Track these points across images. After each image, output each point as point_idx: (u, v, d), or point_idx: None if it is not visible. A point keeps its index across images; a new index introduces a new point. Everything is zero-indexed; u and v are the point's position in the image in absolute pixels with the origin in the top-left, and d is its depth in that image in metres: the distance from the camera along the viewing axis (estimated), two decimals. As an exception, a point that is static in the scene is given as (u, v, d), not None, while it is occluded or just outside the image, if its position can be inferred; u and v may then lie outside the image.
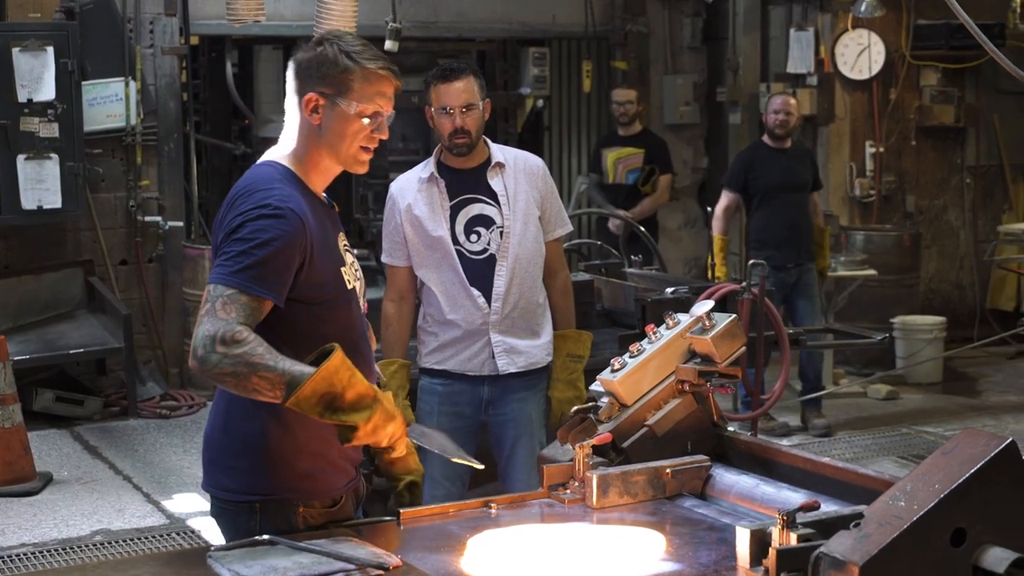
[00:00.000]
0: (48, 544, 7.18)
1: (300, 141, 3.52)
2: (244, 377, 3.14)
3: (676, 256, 12.37)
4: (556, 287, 5.52)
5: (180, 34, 10.55)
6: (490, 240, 5.31)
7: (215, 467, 3.55)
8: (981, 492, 2.70)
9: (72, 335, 9.96)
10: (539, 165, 5.48)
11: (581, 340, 5.56)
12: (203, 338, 3.17)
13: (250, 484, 3.46)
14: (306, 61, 3.50)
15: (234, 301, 3.22)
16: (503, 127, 12.16)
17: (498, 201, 5.33)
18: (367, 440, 3.24)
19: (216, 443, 3.55)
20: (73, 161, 9.75)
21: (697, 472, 3.55)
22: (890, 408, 10.05)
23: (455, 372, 5.38)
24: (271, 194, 3.36)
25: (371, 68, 3.46)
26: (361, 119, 3.46)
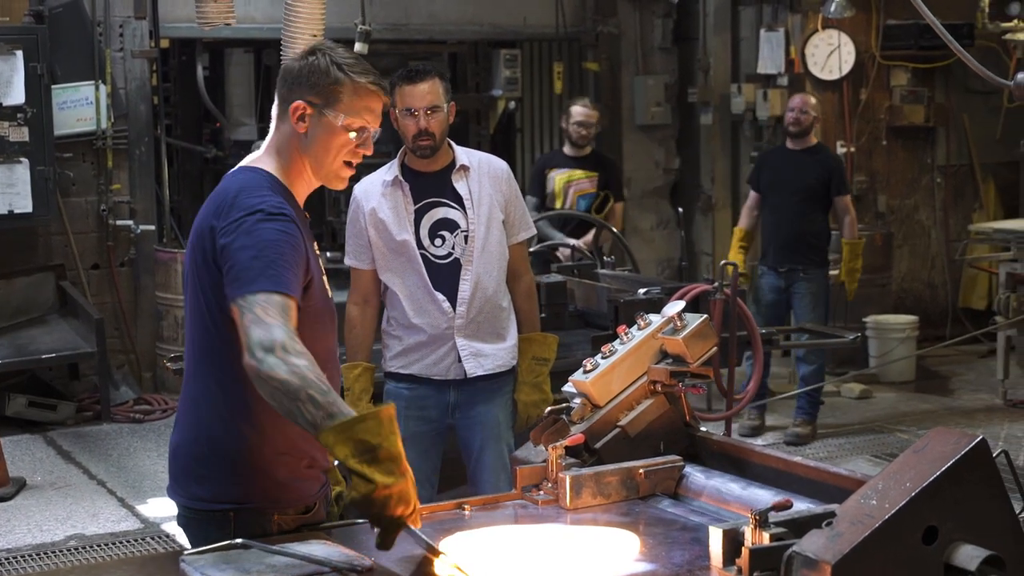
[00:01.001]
0: (22, 550, 7.16)
1: (284, 149, 3.49)
2: (295, 389, 3.05)
3: (649, 257, 12.39)
4: (520, 290, 5.52)
5: (150, 37, 10.53)
6: (455, 244, 5.31)
7: (187, 476, 3.50)
8: (952, 490, 2.71)
9: (44, 340, 9.92)
10: (503, 168, 5.47)
11: (547, 343, 5.56)
12: (260, 340, 3.09)
13: (223, 493, 3.43)
14: (296, 69, 3.48)
15: (271, 304, 3.16)
16: (475, 129, 12.17)
17: (463, 205, 5.32)
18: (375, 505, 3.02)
19: (187, 452, 3.50)
20: (44, 165, 9.72)
21: (670, 472, 3.55)
22: (863, 407, 10.08)
23: (421, 376, 5.37)
24: (264, 199, 3.33)
25: (361, 82, 3.45)
26: (347, 132, 3.44)
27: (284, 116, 3.49)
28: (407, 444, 5.39)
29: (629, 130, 12.57)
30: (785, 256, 9.21)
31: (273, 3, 10.26)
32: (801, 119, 9.23)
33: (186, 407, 3.54)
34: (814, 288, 9.18)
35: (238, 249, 3.25)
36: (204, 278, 3.39)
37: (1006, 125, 12.28)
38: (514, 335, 5.46)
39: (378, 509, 3.02)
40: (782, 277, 9.22)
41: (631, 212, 12.54)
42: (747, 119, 11.96)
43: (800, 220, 9.17)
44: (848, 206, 9.31)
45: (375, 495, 3.00)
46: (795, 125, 9.25)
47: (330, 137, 3.44)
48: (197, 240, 3.42)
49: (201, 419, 3.47)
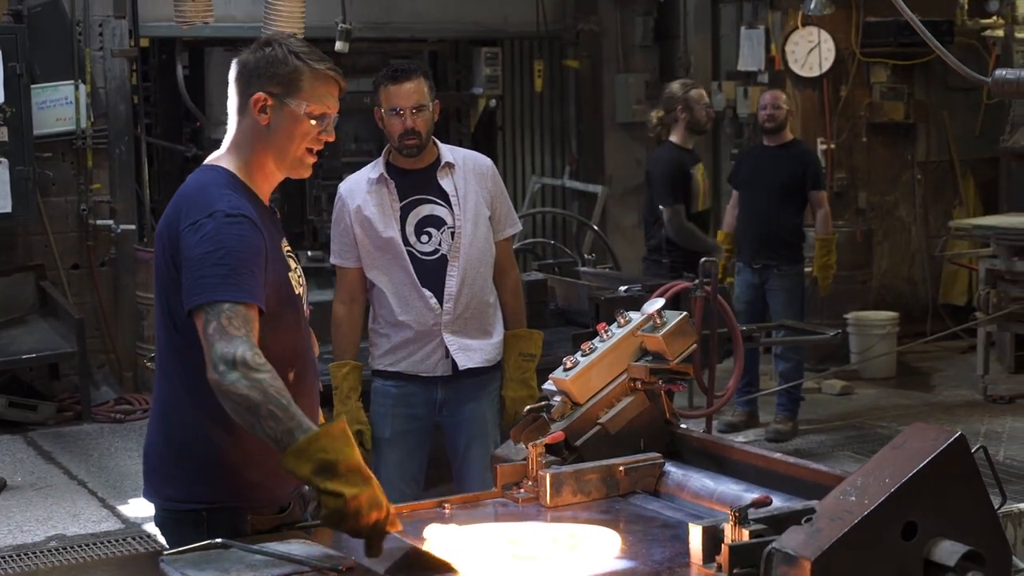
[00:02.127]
0: (2, 550, 7.14)
1: (245, 144, 3.48)
2: (256, 405, 3.07)
3: (631, 254, 12.37)
4: (507, 286, 5.52)
5: (130, 36, 10.52)
6: (441, 241, 5.30)
7: (157, 476, 3.50)
8: (931, 486, 2.72)
9: (24, 340, 9.90)
10: (488, 165, 5.48)
11: (533, 339, 5.56)
12: (221, 355, 3.10)
13: (195, 493, 3.43)
14: (253, 61, 3.46)
15: (236, 314, 3.16)
16: (456, 127, 12.17)
17: (449, 202, 5.32)
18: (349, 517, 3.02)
19: (158, 452, 3.50)
20: (23, 165, 9.70)
21: (650, 469, 3.55)
22: (844, 403, 10.10)
23: (408, 374, 5.37)
24: (222, 201, 3.32)
25: (319, 69, 3.45)
26: (310, 119, 3.43)
27: (244, 110, 3.47)
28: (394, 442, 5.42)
29: (610, 128, 12.58)
30: (759, 252, 9.19)
31: (253, 2, 10.23)
32: (775, 115, 9.22)
33: (156, 408, 3.53)
34: (788, 284, 9.15)
35: (199, 256, 3.24)
36: (167, 281, 3.37)
37: (985, 121, 12.31)
38: (500, 331, 5.46)
39: (353, 521, 3.03)
40: (757, 274, 9.21)
41: (612, 209, 12.57)
42: (727, 116, 11.98)
43: (775, 216, 9.14)
44: (822, 201, 9.28)
45: (346, 507, 3.01)
46: (770, 121, 9.24)
47: (293, 125, 3.42)
48: (160, 243, 3.41)
49: (171, 420, 3.47)
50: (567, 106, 12.79)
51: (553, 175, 12.90)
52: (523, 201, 12.75)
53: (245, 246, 3.26)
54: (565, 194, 12.85)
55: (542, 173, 12.91)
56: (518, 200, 12.84)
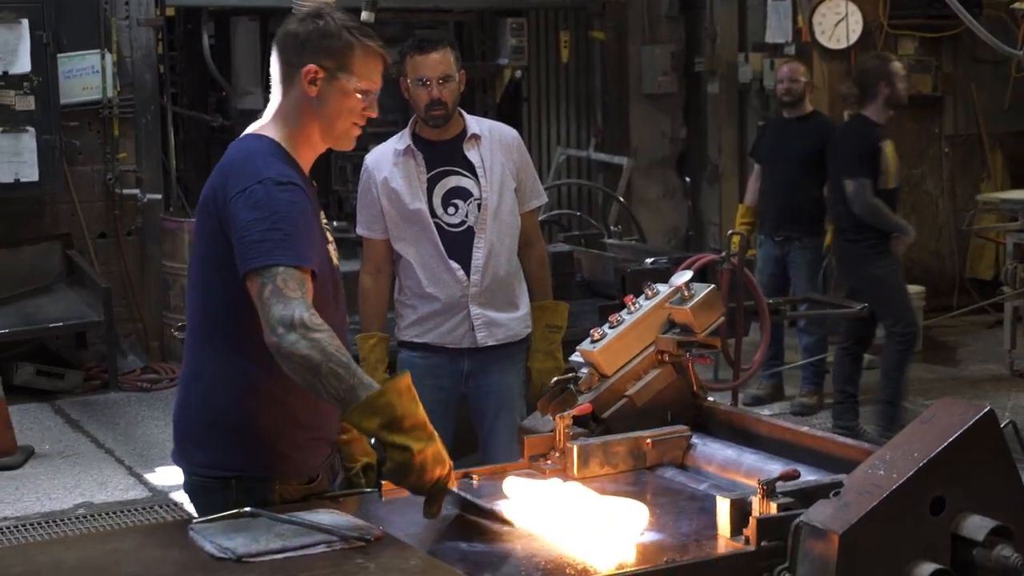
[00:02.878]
0: (30, 518, 7.18)
1: (292, 114, 3.48)
2: (316, 364, 3.10)
3: (656, 227, 12.38)
4: (533, 258, 5.50)
5: (156, 5, 10.53)
6: (468, 212, 5.28)
7: (188, 442, 3.52)
8: (960, 461, 2.72)
9: (51, 309, 9.94)
10: (514, 136, 5.46)
11: (559, 310, 5.55)
12: (280, 318, 3.13)
13: (226, 460, 3.44)
14: (304, 32, 3.46)
15: (291, 277, 3.18)
16: (481, 98, 12.15)
17: (475, 173, 5.30)
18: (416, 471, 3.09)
19: (189, 419, 3.52)
20: (50, 134, 9.73)
21: (677, 442, 3.56)
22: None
23: (435, 345, 5.36)
24: (271, 168, 3.34)
25: (370, 45, 3.47)
26: (358, 94, 3.45)
27: (292, 80, 3.47)
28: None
29: (636, 99, 12.54)
30: (780, 225, 9.17)
31: (279, -28, 10.23)
32: (792, 88, 9.19)
33: (189, 374, 3.54)
34: (810, 256, 9.15)
35: (251, 220, 3.25)
36: (210, 248, 3.39)
37: (1014, 95, 12.23)
38: (526, 303, 5.45)
39: (417, 475, 3.09)
40: (778, 246, 9.19)
41: (637, 181, 12.54)
42: (754, 88, 11.92)
43: (795, 188, 9.11)
44: None
45: (413, 461, 3.07)
46: (787, 95, 9.22)
47: (343, 99, 3.44)
48: (204, 210, 3.42)
49: (204, 387, 3.48)
50: (592, 77, 12.76)
51: (578, 147, 12.87)
52: (548, 172, 12.73)
53: (297, 212, 3.29)
54: (590, 166, 12.83)
55: (567, 144, 12.89)
56: (543, 171, 12.82)
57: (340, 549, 2.95)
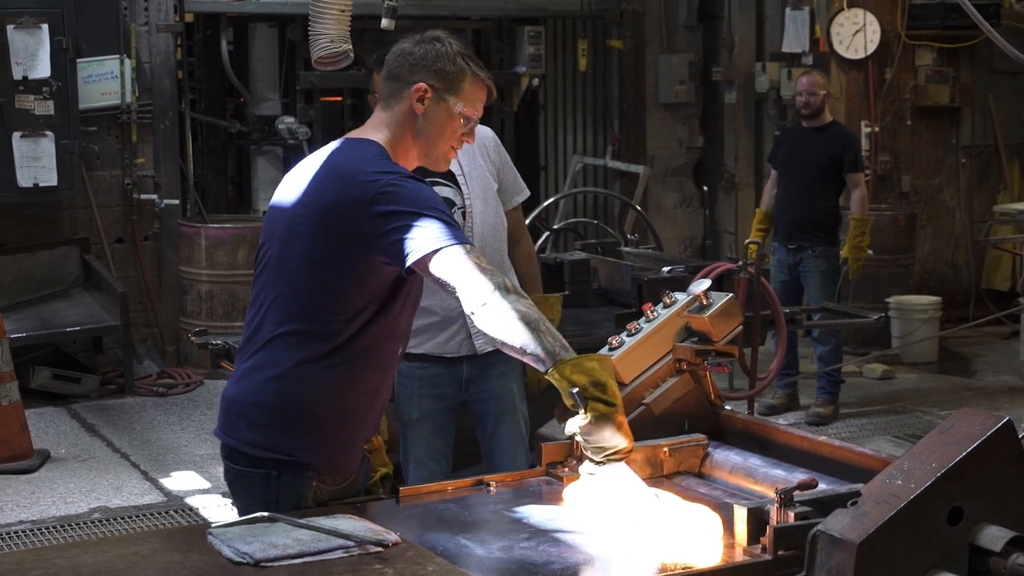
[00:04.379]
0: (46, 521, 7.20)
1: (395, 128, 3.59)
2: (535, 320, 3.26)
3: (672, 235, 12.38)
4: (520, 255, 5.42)
5: (175, 11, 10.56)
6: None
7: (243, 420, 3.55)
8: (978, 471, 2.72)
9: (68, 313, 9.97)
10: (490, 136, 5.34)
11: (550, 304, 5.49)
12: (495, 285, 3.28)
13: (276, 443, 3.48)
14: (421, 52, 3.59)
15: (473, 253, 3.33)
16: (498, 106, 12.16)
17: (455, 181, 5.18)
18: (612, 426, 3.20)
19: (249, 399, 3.55)
20: (68, 139, 9.76)
21: (694, 450, 3.56)
22: (886, 387, 10.07)
23: (433, 355, 5.29)
24: (391, 166, 3.47)
25: (480, 75, 3.62)
26: (461, 119, 3.59)
27: (399, 95, 3.59)
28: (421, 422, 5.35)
29: (653, 108, 12.55)
30: (795, 233, 9.18)
31: (298, -22, 10.26)
32: (811, 101, 9.20)
33: (257, 359, 3.56)
34: (823, 266, 9.14)
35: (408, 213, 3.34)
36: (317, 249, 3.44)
37: (1031, 106, 12.24)
38: None
39: (613, 432, 3.19)
40: (792, 254, 9.21)
41: (654, 190, 12.55)
42: (771, 98, 11.93)
43: (810, 198, 9.13)
44: (859, 183, 9.25)
45: (615, 418, 3.19)
46: (806, 108, 9.23)
47: (447, 121, 3.58)
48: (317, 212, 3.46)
49: (273, 371, 3.50)
50: (610, 86, 12.77)
51: (595, 155, 12.88)
52: (565, 180, 12.74)
53: (438, 199, 3.44)
54: (607, 174, 12.83)
55: (584, 153, 12.90)
56: (559, 179, 12.85)
57: (358, 555, 2.96)
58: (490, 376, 5.34)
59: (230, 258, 10.29)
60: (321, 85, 11.13)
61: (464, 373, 5.31)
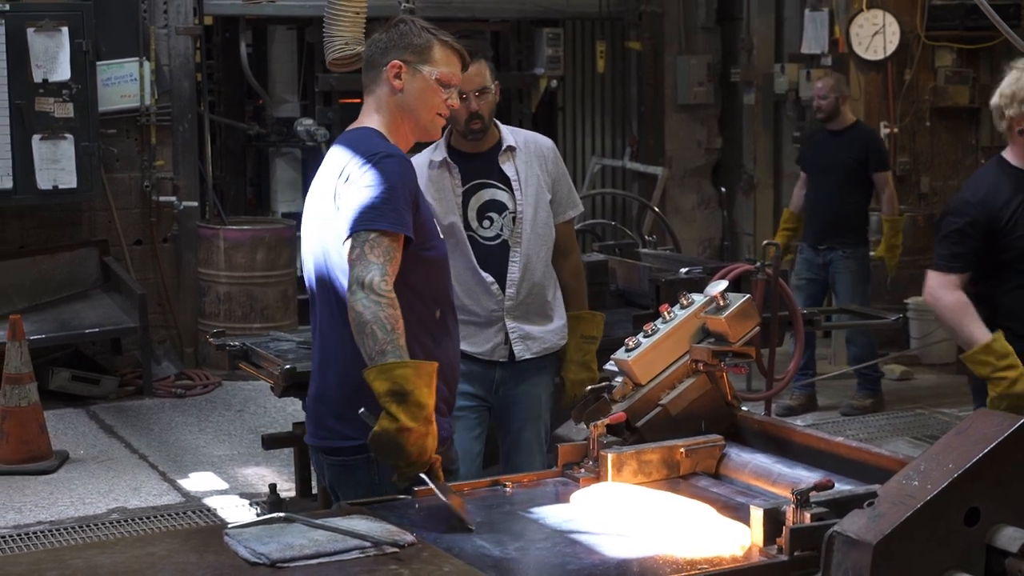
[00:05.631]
0: (65, 522, 7.22)
1: (382, 109, 3.86)
2: (364, 322, 3.43)
3: (690, 236, 12.37)
4: (568, 268, 5.46)
5: (194, 14, 10.58)
6: (503, 226, 5.23)
7: (333, 418, 3.76)
8: (995, 472, 2.71)
9: (87, 315, 9.99)
10: (550, 147, 5.42)
11: (595, 321, 5.51)
12: (356, 278, 3.49)
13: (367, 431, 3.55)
14: (387, 37, 3.88)
15: (378, 244, 3.53)
16: (517, 108, 12.17)
17: (510, 186, 5.24)
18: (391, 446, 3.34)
19: (332, 397, 3.77)
20: (88, 141, 9.78)
21: (711, 451, 3.56)
22: (904, 388, 10.05)
23: (468, 353, 5.32)
24: (380, 146, 3.73)
25: (447, 41, 3.88)
26: (440, 86, 3.81)
27: (378, 79, 3.85)
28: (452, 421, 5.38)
29: (672, 109, 12.54)
30: (825, 235, 9.24)
31: (316, -20, 10.28)
32: (822, 104, 9.28)
33: (326, 357, 3.81)
34: (854, 266, 9.18)
35: (360, 188, 3.60)
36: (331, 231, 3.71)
37: (1051, 107, 12.17)
38: (562, 315, 5.39)
39: (394, 448, 3.31)
40: (821, 255, 9.24)
41: (672, 191, 12.54)
42: (790, 99, 11.90)
43: (837, 200, 9.19)
44: (887, 182, 9.30)
45: (396, 436, 3.31)
46: (819, 111, 9.34)
47: (425, 90, 3.83)
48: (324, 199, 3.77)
49: (344, 369, 3.70)
50: (628, 87, 12.77)
51: (613, 156, 12.88)
52: (583, 182, 12.74)
53: (400, 180, 3.64)
54: (625, 175, 12.83)
55: (602, 154, 12.90)
56: (578, 181, 12.83)
57: (374, 555, 2.96)
58: (521, 381, 5.34)
59: (248, 260, 10.31)
60: (340, 87, 11.14)
61: (496, 376, 5.31)
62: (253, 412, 9.36)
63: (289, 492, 6.91)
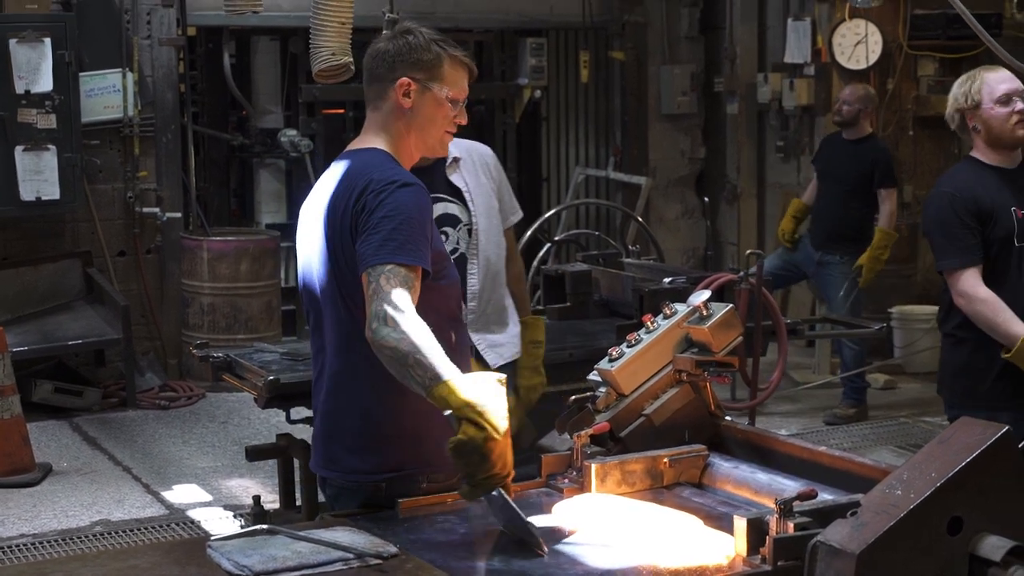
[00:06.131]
0: (47, 535, 7.19)
1: (390, 126, 3.70)
2: (404, 355, 3.25)
3: (674, 246, 12.38)
4: (512, 275, 5.40)
5: (177, 25, 10.56)
6: (459, 239, 5.16)
7: (341, 449, 3.64)
8: (977, 481, 2.72)
9: (70, 326, 9.96)
10: (490, 154, 5.35)
11: (539, 326, 5.52)
12: (375, 313, 3.31)
13: (380, 464, 3.56)
14: (395, 49, 3.69)
15: (395, 275, 3.35)
16: (500, 118, 12.19)
17: (461, 198, 5.16)
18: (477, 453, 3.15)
19: (339, 426, 3.64)
20: (71, 152, 9.76)
21: (694, 461, 3.56)
22: (888, 397, 10.06)
23: None
24: (395, 171, 3.56)
25: (457, 55, 3.72)
26: (449, 103, 3.67)
27: (384, 95, 3.69)
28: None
29: (655, 119, 12.55)
30: (825, 241, 9.43)
31: (300, -9, 10.27)
32: (843, 110, 9.43)
33: (333, 383, 3.66)
34: (849, 274, 9.29)
35: (378, 220, 3.43)
36: (341, 257, 3.55)
37: (1034, 116, 12.20)
38: (516, 321, 5.37)
39: (477, 457, 3.13)
40: (818, 253, 9.36)
41: (656, 201, 12.54)
42: (773, 108, 11.93)
43: (843, 208, 9.36)
44: (889, 198, 9.37)
45: (483, 442, 3.12)
46: (837, 115, 9.48)
47: (436, 109, 3.68)
48: (331, 221, 3.59)
49: (352, 393, 3.60)
50: (612, 97, 12.77)
51: (597, 166, 12.89)
52: (567, 192, 12.75)
53: (417, 211, 3.47)
54: (609, 185, 12.84)
55: (586, 164, 12.90)
56: (561, 191, 12.85)
57: (357, 567, 2.96)
58: None
59: (232, 271, 10.30)
60: (323, 98, 11.14)
61: None
62: (237, 424, 9.34)
63: (273, 504, 6.89)
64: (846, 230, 9.34)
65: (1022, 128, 5.21)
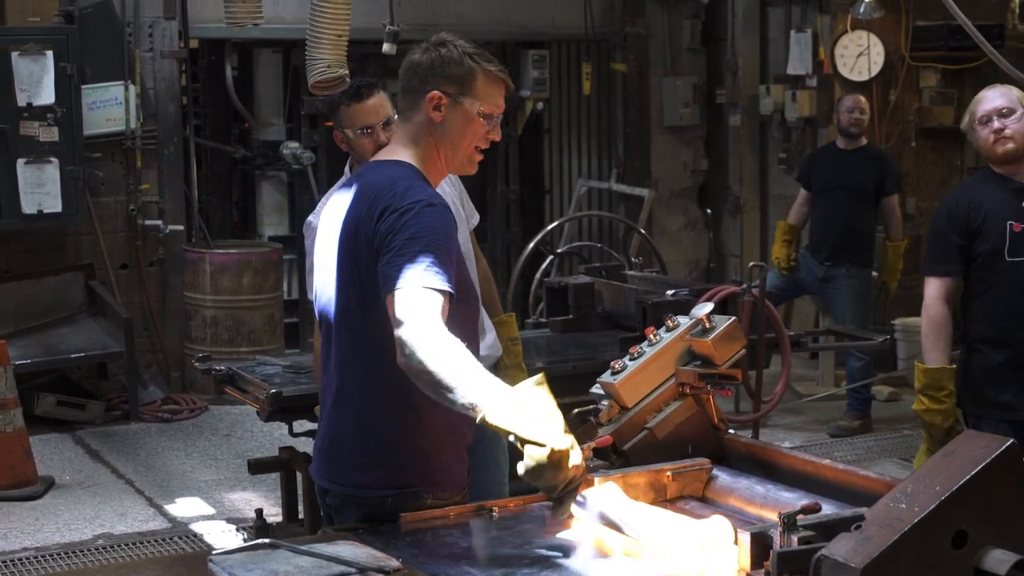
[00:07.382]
0: (50, 548, 7.18)
1: (419, 140, 3.60)
2: (439, 381, 3.17)
3: (677, 258, 12.37)
4: (479, 275, 5.33)
5: (179, 38, 10.56)
6: None
7: (347, 465, 3.60)
8: (982, 494, 2.70)
9: (73, 339, 9.96)
10: None
11: (512, 323, 5.54)
12: (408, 337, 3.21)
13: (386, 480, 3.53)
14: (428, 61, 3.59)
15: (424, 299, 3.26)
16: (503, 130, 12.14)
17: None
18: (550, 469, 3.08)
19: (347, 441, 3.60)
20: (73, 165, 9.76)
21: (698, 474, 3.54)
22: (892, 409, 10.04)
23: None
24: (420, 191, 3.45)
25: (491, 70, 3.62)
26: (481, 118, 3.57)
27: (416, 107, 3.59)
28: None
29: (657, 131, 12.55)
30: (833, 254, 9.41)
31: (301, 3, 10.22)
32: (862, 120, 9.46)
33: (342, 399, 3.61)
34: (857, 286, 9.32)
35: (403, 242, 3.34)
36: (361, 272, 3.48)
37: (1036, 127, 12.19)
38: (490, 326, 5.36)
39: (552, 472, 3.08)
40: (824, 269, 9.34)
41: (659, 213, 12.54)
42: (775, 120, 11.93)
43: (850, 218, 9.37)
44: (896, 206, 9.43)
45: (549, 459, 3.06)
46: (855, 126, 9.44)
47: (466, 124, 3.57)
48: (352, 235, 3.51)
49: (361, 409, 3.56)
50: (614, 109, 12.77)
51: (600, 178, 12.88)
52: (569, 204, 12.74)
53: (444, 233, 3.38)
54: (612, 197, 12.83)
55: (589, 176, 12.90)
56: (564, 203, 12.85)
57: (359, 581, 2.94)
58: None
59: (235, 283, 10.30)
60: (325, 110, 11.13)
61: None
62: (240, 436, 9.33)
63: (276, 517, 6.88)
64: (855, 240, 9.33)
65: (1001, 146, 5.34)
